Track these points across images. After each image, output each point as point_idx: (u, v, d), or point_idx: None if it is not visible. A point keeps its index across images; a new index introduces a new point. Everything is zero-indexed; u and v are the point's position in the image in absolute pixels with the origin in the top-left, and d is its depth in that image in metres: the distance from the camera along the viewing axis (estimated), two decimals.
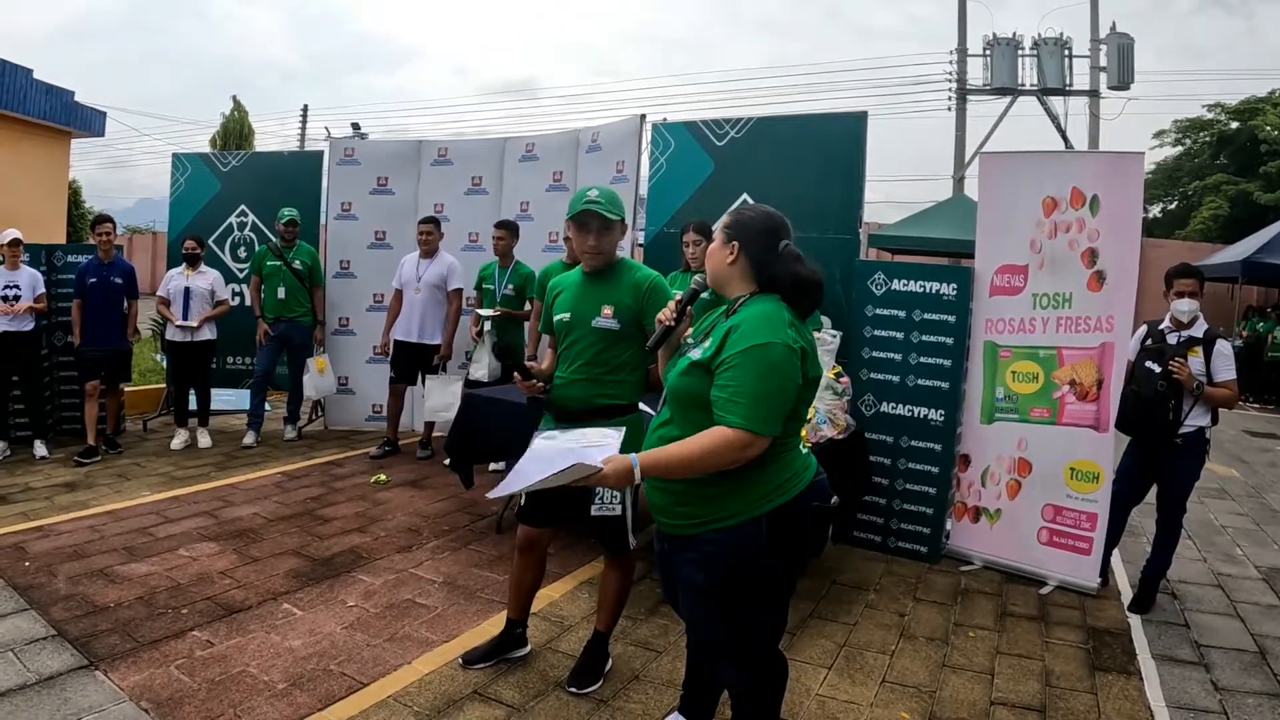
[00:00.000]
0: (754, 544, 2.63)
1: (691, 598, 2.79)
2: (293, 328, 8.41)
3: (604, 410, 3.64)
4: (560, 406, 3.72)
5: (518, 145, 8.74)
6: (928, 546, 5.81)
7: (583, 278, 3.77)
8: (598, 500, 3.62)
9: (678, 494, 2.70)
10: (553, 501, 3.68)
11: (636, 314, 3.64)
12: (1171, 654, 4.58)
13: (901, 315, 5.85)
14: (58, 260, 8.29)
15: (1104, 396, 5.34)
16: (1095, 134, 23.62)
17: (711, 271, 2.82)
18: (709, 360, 2.59)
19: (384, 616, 4.55)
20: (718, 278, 2.80)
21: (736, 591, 2.69)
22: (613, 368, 3.67)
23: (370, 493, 6.88)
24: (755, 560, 2.65)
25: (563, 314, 3.71)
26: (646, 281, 3.70)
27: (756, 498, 2.63)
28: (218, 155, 10.07)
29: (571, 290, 3.76)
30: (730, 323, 2.63)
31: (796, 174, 6.54)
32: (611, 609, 3.93)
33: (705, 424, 2.57)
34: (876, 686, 4.03)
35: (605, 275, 3.72)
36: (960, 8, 24.26)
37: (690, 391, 2.65)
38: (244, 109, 30.38)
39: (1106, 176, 5.37)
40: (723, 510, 2.63)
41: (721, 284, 2.80)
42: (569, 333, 3.70)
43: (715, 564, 2.67)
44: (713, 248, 2.83)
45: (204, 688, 3.70)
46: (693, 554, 2.71)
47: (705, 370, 2.60)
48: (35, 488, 6.62)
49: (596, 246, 3.65)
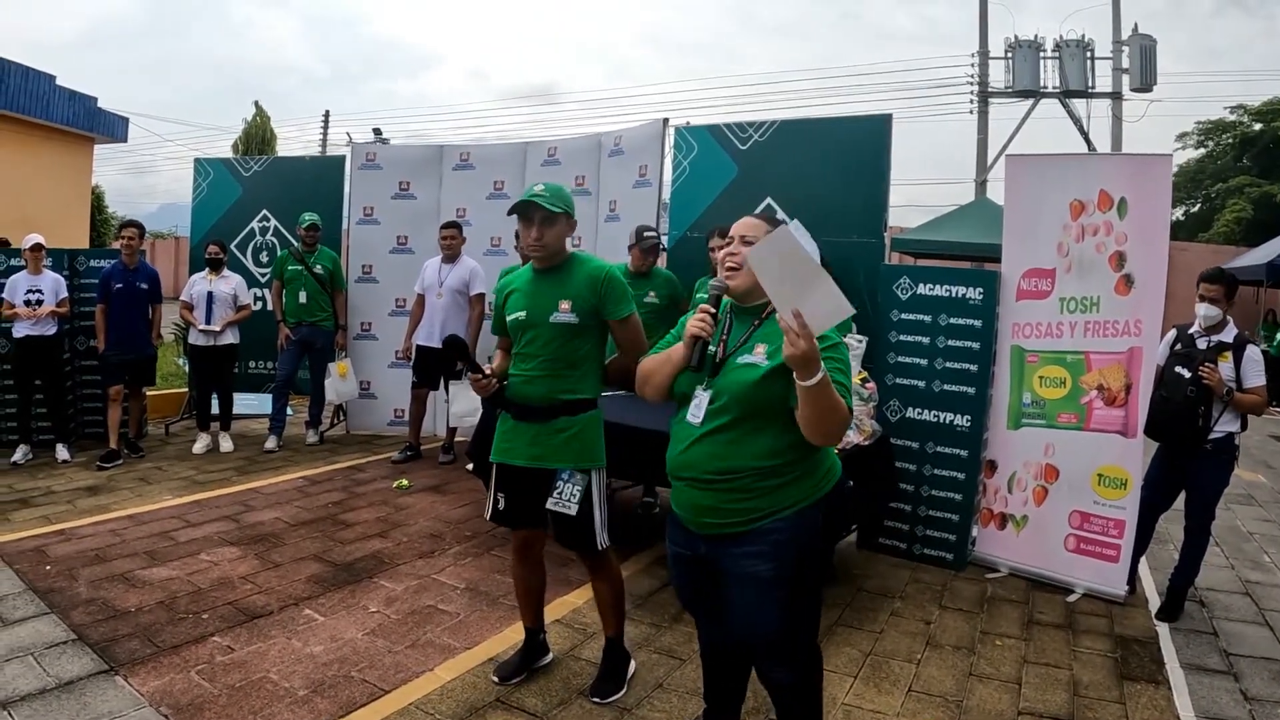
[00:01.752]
0: (815, 529, 2.79)
1: (754, 593, 2.78)
2: (314, 332, 8.44)
3: (568, 405, 3.65)
4: (521, 404, 3.68)
5: (540, 149, 8.74)
6: (954, 553, 5.75)
7: (534, 275, 3.74)
8: (555, 495, 3.64)
9: (741, 490, 2.73)
10: (523, 497, 3.74)
11: (595, 307, 3.64)
12: (1200, 663, 4.51)
13: (927, 320, 5.79)
14: (80, 265, 8.31)
15: (1132, 402, 5.28)
16: (1118, 136, 23.43)
17: (750, 281, 2.75)
18: (777, 367, 2.62)
19: (406, 623, 4.54)
20: (753, 286, 2.74)
21: (799, 579, 2.76)
22: (573, 362, 3.66)
23: (392, 498, 6.88)
24: (816, 545, 2.81)
25: (518, 313, 3.66)
26: (602, 273, 3.70)
27: (812, 485, 2.78)
28: (240, 160, 10.09)
29: (524, 289, 3.73)
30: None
31: (821, 177, 6.48)
32: (613, 614, 3.91)
33: (764, 423, 2.68)
34: (903, 696, 3.99)
35: (558, 270, 3.71)
36: (981, 10, 24.14)
37: (767, 398, 2.67)
38: (266, 114, 30.49)
39: (1134, 179, 5.31)
40: (785, 499, 2.72)
41: (758, 290, 2.73)
42: (525, 331, 3.66)
43: (783, 552, 2.72)
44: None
45: (224, 693, 3.69)
46: (754, 547, 2.74)
47: (780, 375, 2.60)
48: (57, 491, 6.64)
49: (539, 239, 3.63)
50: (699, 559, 2.92)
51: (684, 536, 2.95)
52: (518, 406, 3.70)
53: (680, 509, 2.91)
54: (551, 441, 3.64)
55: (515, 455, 3.70)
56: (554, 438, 3.64)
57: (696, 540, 2.89)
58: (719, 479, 2.74)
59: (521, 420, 3.69)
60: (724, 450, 2.73)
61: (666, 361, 2.90)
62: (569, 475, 3.64)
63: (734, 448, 2.72)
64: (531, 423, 3.66)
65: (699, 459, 2.78)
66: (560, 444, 3.64)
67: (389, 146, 12.09)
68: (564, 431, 3.64)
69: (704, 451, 2.77)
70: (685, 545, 2.96)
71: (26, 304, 7.42)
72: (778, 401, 2.63)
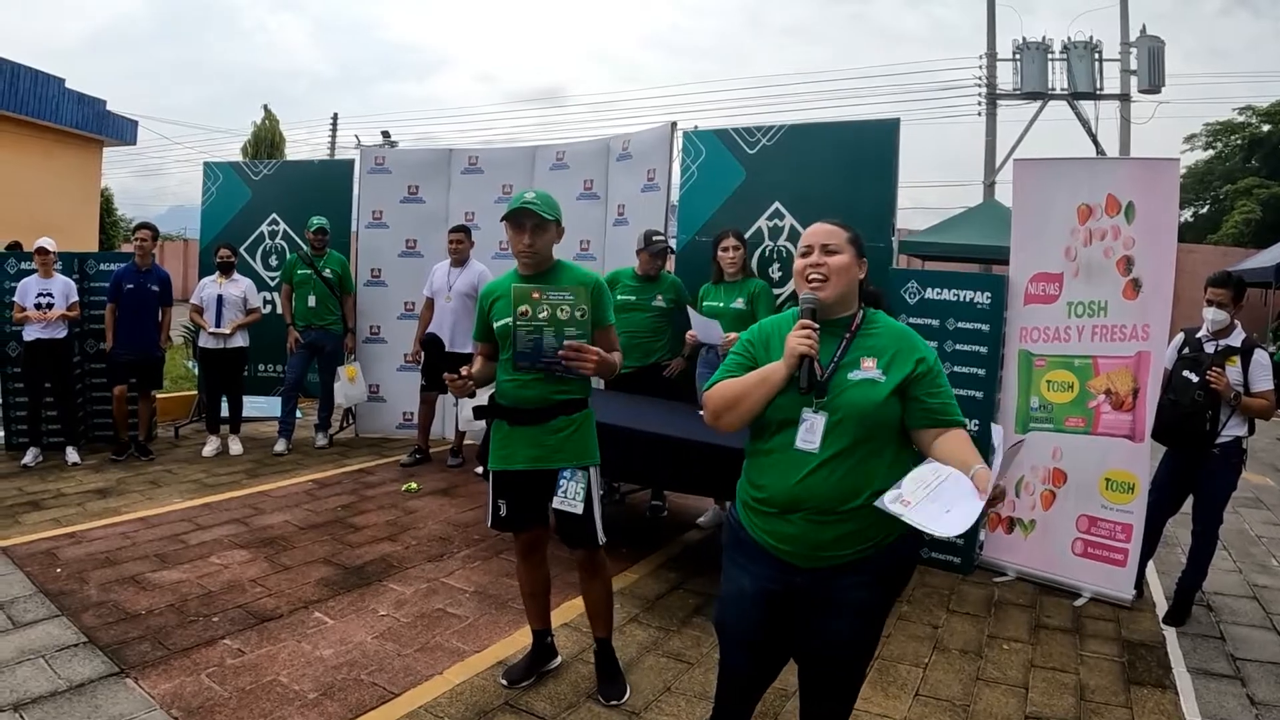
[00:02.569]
0: (911, 554, 2.69)
1: (861, 622, 2.62)
2: (323, 336, 8.47)
3: (563, 405, 3.68)
4: (515, 408, 3.70)
5: (548, 153, 8.76)
6: (961, 557, 5.75)
7: (521, 281, 3.72)
8: (560, 494, 3.68)
9: (861, 522, 2.51)
10: (524, 500, 3.78)
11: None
12: (1207, 667, 4.51)
13: (935, 324, 5.80)
14: (90, 269, 8.36)
15: (1140, 406, 5.28)
16: (1126, 138, 23.40)
17: (847, 286, 2.69)
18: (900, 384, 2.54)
19: (415, 626, 4.56)
20: (849, 293, 2.70)
21: (891, 605, 2.70)
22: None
23: (401, 501, 6.90)
24: (909, 570, 2.72)
25: (507, 319, 3.60)
26: (592, 280, 3.72)
27: None
28: (249, 164, 10.12)
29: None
30: (887, 338, 2.62)
31: (829, 182, 6.46)
32: (605, 615, 3.93)
33: (881, 446, 2.54)
34: (910, 700, 3.99)
35: (546, 277, 3.72)
36: (989, 12, 24.12)
37: (889, 417, 2.55)
38: (275, 118, 30.62)
39: (1142, 182, 5.31)
40: (892, 527, 2.48)
41: (847, 298, 2.70)
42: None
43: (892, 575, 2.64)
44: (847, 262, 2.69)
45: (234, 696, 3.71)
46: (861, 577, 2.55)
47: (895, 394, 2.54)
48: (67, 494, 6.68)
49: (531, 246, 3.64)
50: (791, 593, 2.62)
51: (774, 570, 2.62)
52: (512, 412, 3.72)
53: (783, 543, 2.58)
54: (549, 442, 3.68)
55: (514, 460, 3.73)
56: (552, 438, 3.67)
57: (793, 572, 2.59)
58: (847, 509, 2.50)
59: (517, 425, 3.71)
60: (850, 476, 2.51)
61: (761, 384, 2.59)
62: (571, 474, 3.69)
63: (859, 472, 2.51)
64: (528, 426, 3.68)
65: (821, 488, 2.51)
66: (558, 443, 3.68)
67: (398, 150, 12.13)
68: (561, 431, 3.68)
69: (827, 480, 2.51)
70: (775, 580, 2.62)
71: (37, 307, 7.46)
72: (896, 419, 2.56)
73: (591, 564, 3.86)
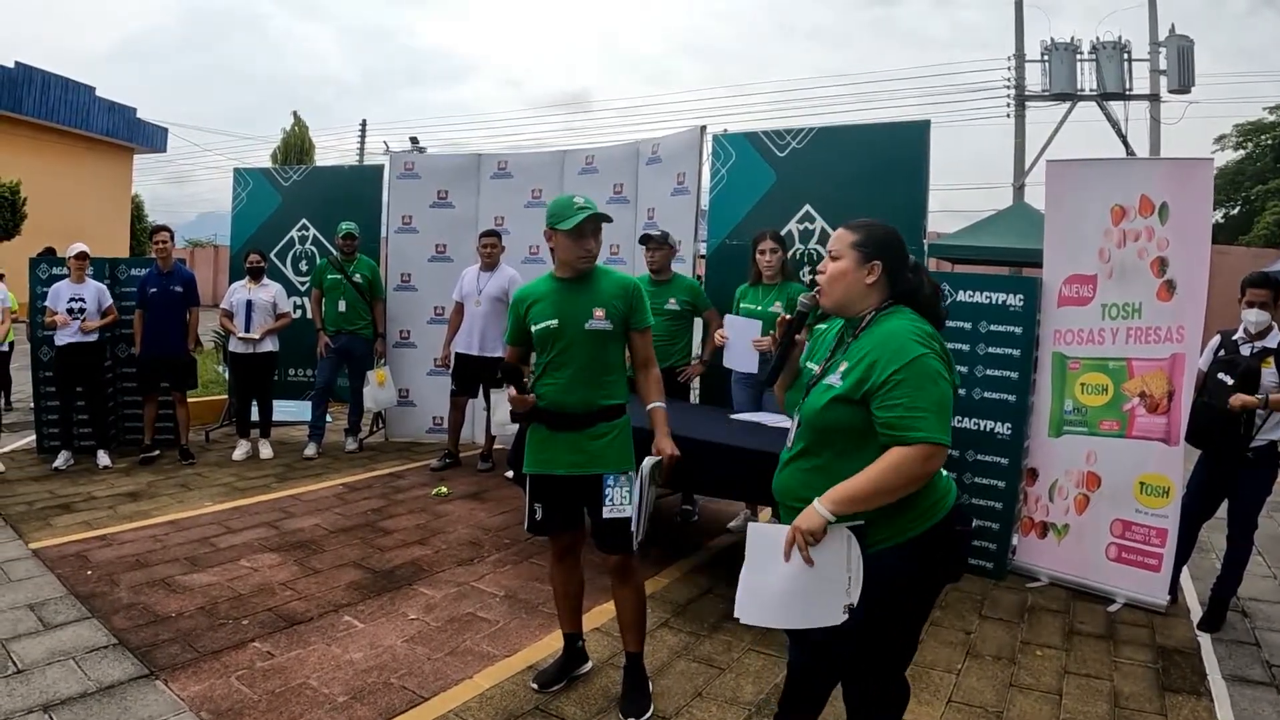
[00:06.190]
0: (901, 570, 2.53)
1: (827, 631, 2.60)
2: (353, 340, 8.49)
3: (605, 411, 3.70)
4: (558, 413, 3.69)
5: (577, 158, 8.77)
6: (994, 562, 5.70)
7: (559, 285, 3.74)
8: (608, 503, 3.67)
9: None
10: (563, 505, 3.77)
11: (625, 314, 3.72)
12: (1243, 674, 4.45)
13: (967, 327, 5.74)
14: (120, 274, 8.45)
15: (1175, 409, 5.22)
16: (1156, 139, 23.20)
17: (843, 293, 2.68)
18: (851, 390, 2.50)
19: (445, 630, 4.55)
20: (849, 299, 2.68)
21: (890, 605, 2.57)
22: (606, 368, 3.72)
23: (431, 505, 6.91)
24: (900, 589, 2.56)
25: (548, 321, 3.65)
26: (631, 284, 3.80)
27: (904, 523, 2.52)
28: (279, 170, 10.19)
29: (550, 298, 3.72)
30: (869, 343, 2.55)
31: (859, 184, 6.43)
32: (637, 627, 3.85)
33: (850, 449, 2.52)
34: (943, 706, 3.96)
35: (584, 280, 3.73)
36: (1017, 13, 23.97)
37: (838, 423, 2.54)
38: (304, 124, 30.77)
39: (1175, 183, 5.25)
40: (877, 536, 2.49)
41: (850, 304, 2.68)
42: (558, 339, 3.66)
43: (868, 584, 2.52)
44: (844, 269, 2.68)
45: (264, 699, 3.72)
46: None
47: (849, 401, 2.50)
48: (98, 497, 6.73)
49: (594, 252, 3.70)
50: None
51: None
52: (554, 416, 3.70)
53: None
54: (591, 447, 3.66)
55: (555, 465, 3.71)
56: (594, 443, 3.66)
57: None
58: (800, 507, 2.56)
59: (558, 430, 3.70)
60: (806, 477, 2.62)
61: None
62: (615, 479, 3.68)
63: (829, 473, 2.53)
64: (569, 431, 3.67)
65: (787, 484, 2.71)
66: (600, 450, 3.67)
67: (427, 156, 12.16)
68: (604, 436, 3.68)
69: (790, 477, 2.69)
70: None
71: (69, 312, 7.53)
72: (852, 425, 2.52)
73: (625, 569, 3.81)
